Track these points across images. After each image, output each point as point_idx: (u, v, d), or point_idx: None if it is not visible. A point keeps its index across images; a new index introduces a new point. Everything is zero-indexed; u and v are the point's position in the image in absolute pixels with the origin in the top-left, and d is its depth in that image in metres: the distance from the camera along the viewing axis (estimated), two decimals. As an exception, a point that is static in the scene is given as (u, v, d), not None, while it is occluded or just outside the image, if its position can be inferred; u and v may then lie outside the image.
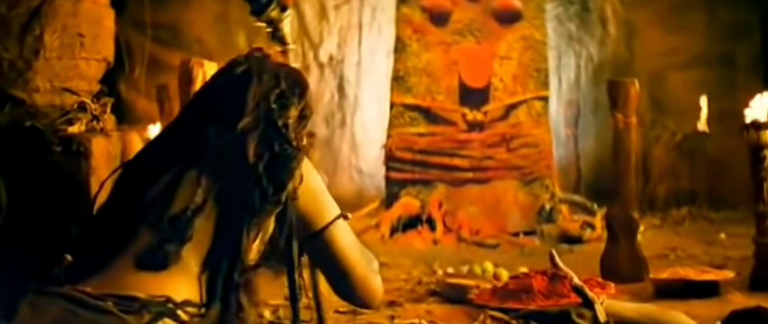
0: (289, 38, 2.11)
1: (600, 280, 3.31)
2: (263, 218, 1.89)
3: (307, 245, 2.03)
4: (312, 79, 7.30)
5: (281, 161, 1.91)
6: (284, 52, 2.13)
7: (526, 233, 6.34)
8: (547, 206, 6.59)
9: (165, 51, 6.90)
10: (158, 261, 1.83)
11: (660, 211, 7.36)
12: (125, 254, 1.86)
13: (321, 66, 7.79)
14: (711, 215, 7.20)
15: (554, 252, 2.78)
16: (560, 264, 2.99)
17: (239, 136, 1.92)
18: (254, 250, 1.91)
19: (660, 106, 7.83)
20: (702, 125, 6.68)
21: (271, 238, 1.94)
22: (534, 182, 6.72)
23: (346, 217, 2.03)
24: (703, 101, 6.27)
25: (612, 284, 3.24)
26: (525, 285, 2.99)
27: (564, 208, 6.71)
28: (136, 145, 3.55)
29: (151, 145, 2.11)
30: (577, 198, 7.09)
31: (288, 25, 2.12)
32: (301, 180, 1.94)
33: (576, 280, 2.85)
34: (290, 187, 1.90)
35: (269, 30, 2.14)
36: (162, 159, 1.99)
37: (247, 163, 1.89)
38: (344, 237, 2.00)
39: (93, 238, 1.99)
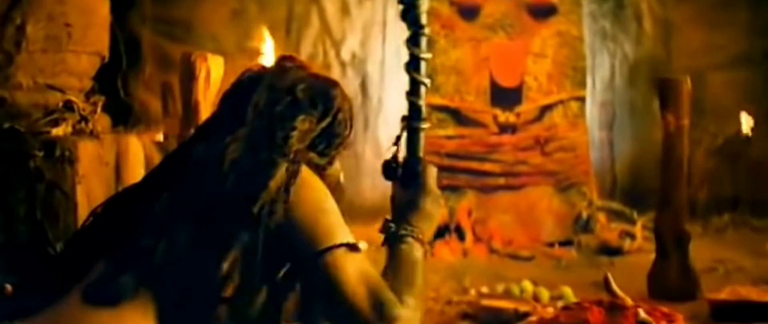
0: (423, 20, 1.77)
1: (665, 310, 2.97)
2: (239, 239, 1.64)
3: (299, 273, 1.72)
4: (334, 78, 7.06)
5: (260, 169, 1.68)
6: (416, 38, 1.80)
7: (562, 243, 6.21)
8: (584, 214, 6.49)
9: (179, 48, 6.47)
10: (109, 295, 1.61)
11: (701, 218, 7.17)
12: (78, 287, 1.66)
13: (343, 65, 7.68)
14: (754, 222, 7.09)
15: (610, 277, 2.38)
16: (619, 291, 2.61)
17: (223, 148, 1.72)
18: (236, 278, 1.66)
19: (700, 107, 7.64)
20: (746, 128, 6.83)
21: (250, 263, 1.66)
22: (570, 189, 6.60)
23: (355, 248, 1.65)
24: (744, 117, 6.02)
25: (680, 317, 2.89)
26: (579, 319, 2.62)
27: (601, 216, 6.61)
28: (136, 149, 3.38)
29: (155, 167, 1.93)
30: (615, 205, 7.00)
31: (426, 3, 1.78)
32: (287, 194, 1.67)
33: (642, 315, 2.52)
34: (265, 198, 1.64)
35: (402, 5, 1.81)
36: (156, 182, 1.81)
37: (221, 174, 1.68)
38: (347, 270, 1.65)
39: (61, 265, 1.81)
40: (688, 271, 4.43)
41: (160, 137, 3.89)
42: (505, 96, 6.64)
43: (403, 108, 1.88)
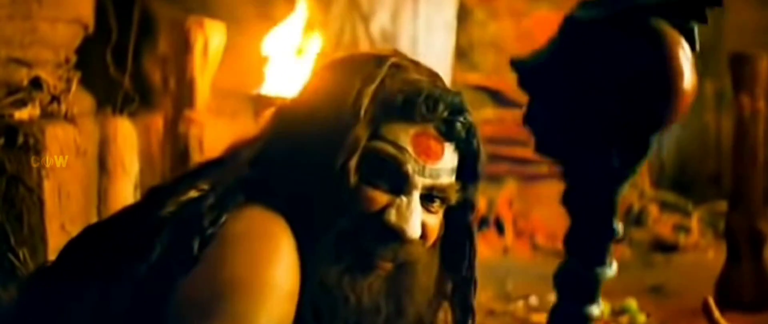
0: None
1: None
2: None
3: None
4: None
5: None
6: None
7: None
8: (636, 206, 6.36)
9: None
10: None
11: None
12: None
13: (372, 42, 7.38)
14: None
15: (711, 300, 1.92)
16: (721, 319, 2.17)
17: None
18: None
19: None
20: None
21: None
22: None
23: None
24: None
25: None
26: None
27: (653, 207, 6.46)
28: (126, 134, 3.01)
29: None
30: (669, 196, 6.81)
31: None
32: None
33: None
34: None
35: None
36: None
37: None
38: None
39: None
40: (763, 277, 4.18)
41: (158, 119, 3.54)
42: None
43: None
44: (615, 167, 1.08)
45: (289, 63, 3.71)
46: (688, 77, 1.04)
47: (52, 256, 2.54)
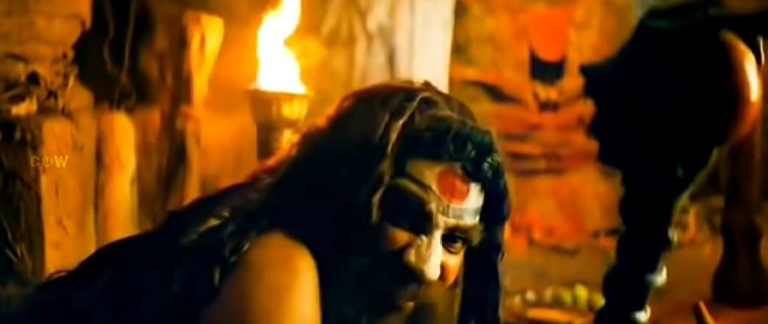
0: None
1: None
2: None
3: None
4: (359, 51, 6.87)
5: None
6: None
7: (608, 233, 5.97)
8: None
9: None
10: None
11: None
12: None
13: (369, 37, 7.17)
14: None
15: (702, 305, 1.92)
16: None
17: None
18: None
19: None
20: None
21: None
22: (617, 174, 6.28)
23: None
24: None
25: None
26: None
27: None
28: (124, 129, 3.05)
29: None
30: None
31: None
32: None
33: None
34: None
35: None
36: None
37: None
38: None
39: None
40: (759, 273, 4.18)
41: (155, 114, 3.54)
42: (545, 70, 6.43)
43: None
44: (678, 178, 1.08)
45: (282, 57, 3.71)
46: (755, 90, 1.05)
47: (49, 251, 2.55)
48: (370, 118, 1.25)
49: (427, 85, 1.35)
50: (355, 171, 1.21)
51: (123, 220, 3.07)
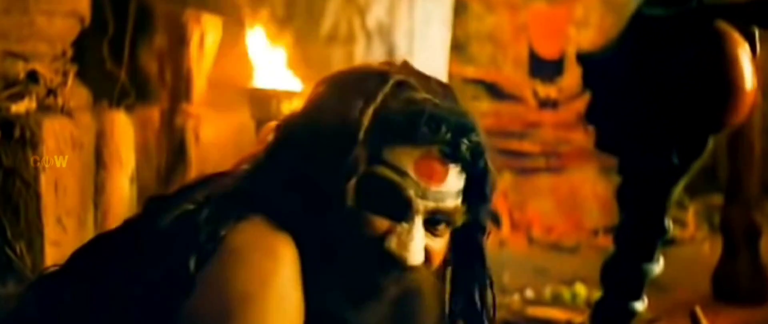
0: None
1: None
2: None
3: None
4: (358, 49, 6.75)
5: None
6: None
7: (607, 231, 5.89)
8: None
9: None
10: None
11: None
12: None
13: (368, 35, 7.32)
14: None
15: (698, 310, 1.92)
16: None
17: None
18: None
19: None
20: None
21: None
22: (616, 170, 6.23)
23: None
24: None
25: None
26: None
27: None
28: (123, 127, 3.03)
29: None
30: None
31: None
32: None
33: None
34: None
35: None
36: None
37: None
38: None
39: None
40: (759, 270, 4.20)
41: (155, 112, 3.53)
42: (545, 68, 6.39)
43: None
44: (673, 165, 1.08)
45: (278, 56, 3.72)
46: (749, 79, 1.05)
47: (48, 249, 2.55)
48: (343, 104, 1.21)
49: (404, 66, 1.30)
50: (329, 158, 1.18)
51: (122, 218, 3.06)
